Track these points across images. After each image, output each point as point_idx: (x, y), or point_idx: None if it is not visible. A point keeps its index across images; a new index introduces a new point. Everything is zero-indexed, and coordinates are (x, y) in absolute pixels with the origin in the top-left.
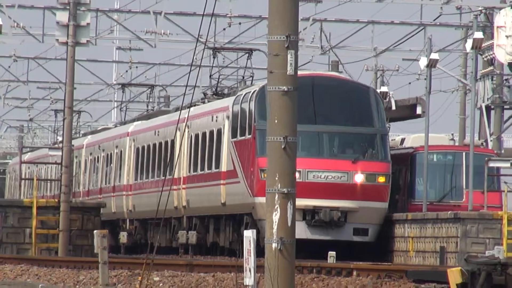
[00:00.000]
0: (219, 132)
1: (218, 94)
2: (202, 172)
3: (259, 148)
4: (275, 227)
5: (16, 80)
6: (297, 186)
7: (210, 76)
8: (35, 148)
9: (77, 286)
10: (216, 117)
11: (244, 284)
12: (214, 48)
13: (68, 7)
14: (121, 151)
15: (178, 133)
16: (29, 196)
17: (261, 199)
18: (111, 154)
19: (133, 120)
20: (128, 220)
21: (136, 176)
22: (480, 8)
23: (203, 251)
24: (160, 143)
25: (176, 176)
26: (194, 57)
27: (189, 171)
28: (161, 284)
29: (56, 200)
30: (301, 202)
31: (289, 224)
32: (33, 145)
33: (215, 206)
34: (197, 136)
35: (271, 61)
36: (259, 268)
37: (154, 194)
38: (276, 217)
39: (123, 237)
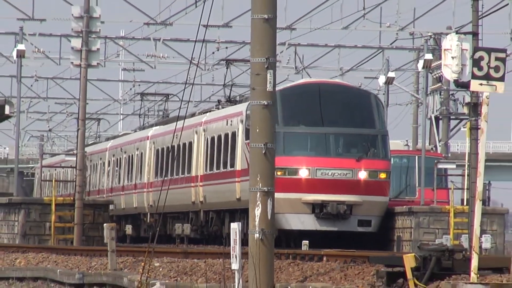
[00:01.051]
0: (234, 135)
1: (231, 101)
2: (218, 171)
3: None
4: (257, 220)
5: (37, 97)
6: (306, 183)
7: (224, 85)
8: (54, 154)
9: (89, 271)
10: (231, 121)
11: (231, 268)
12: (227, 60)
13: (81, 35)
14: (141, 153)
15: (195, 136)
16: (49, 195)
17: (274, 195)
18: (132, 155)
19: (151, 126)
20: (148, 214)
21: (156, 175)
22: (429, 34)
23: (218, 242)
24: (179, 145)
25: (193, 174)
26: (188, 76)
27: (206, 170)
28: (160, 269)
29: (72, 198)
30: (310, 197)
31: (269, 217)
32: (52, 152)
33: (231, 201)
34: (212, 138)
35: (253, 79)
36: (243, 255)
37: (173, 190)
38: (258, 211)
39: (128, 229)
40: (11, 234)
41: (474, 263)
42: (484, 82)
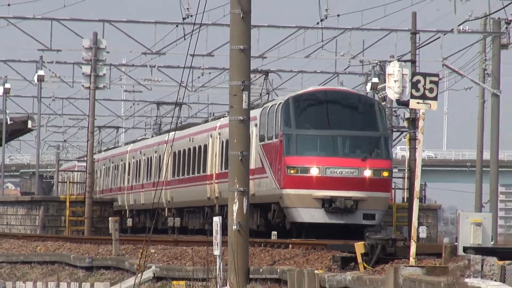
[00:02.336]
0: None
1: None
2: None
3: (285, 149)
4: (234, 214)
5: (54, 114)
6: (317, 180)
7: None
8: (68, 160)
9: (97, 256)
10: None
11: (214, 254)
12: None
13: (90, 63)
14: (160, 155)
15: (210, 139)
16: (64, 194)
17: (288, 191)
18: (151, 157)
19: (167, 131)
20: (166, 209)
21: (173, 174)
22: (376, 61)
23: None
24: (194, 148)
25: (208, 173)
26: (178, 96)
27: (221, 169)
28: (155, 255)
29: (82, 196)
30: (320, 193)
31: (245, 212)
32: (66, 158)
33: None
34: (227, 141)
35: (231, 99)
36: (224, 243)
37: (189, 187)
38: (235, 207)
39: (129, 222)
40: (33, 226)
41: (413, 249)
42: (421, 101)
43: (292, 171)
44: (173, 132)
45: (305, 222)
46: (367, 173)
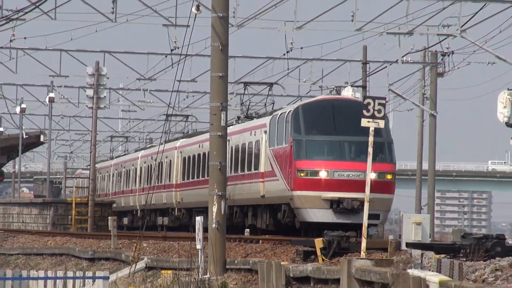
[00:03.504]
0: (257, 143)
1: (248, 117)
2: (243, 173)
3: (296, 154)
4: (214, 214)
5: (62, 129)
6: (325, 183)
7: (242, 103)
8: (74, 169)
9: (98, 249)
10: (254, 132)
11: (196, 248)
12: (245, 83)
13: (93, 87)
14: (170, 160)
15: None
16: (71, 196)
17: (298, 193)
18: (162, 162)
19: (177, 139)
20: (176, 209)
21: (183, 177)
22: (333, 87)
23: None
24: (204, 153)
25: None
26: (167, 111)
27: (231, 172)
28: (147, 248)
29: (86, 199)
30: (329, 194)
31: (222, 213)
32: (72, 167)
33: (256, 198)
34: (237, 147)
35: (211, 117)
36: (204, 238)
37: (199, 189)
38: (215, 208)
39: (126, 220)
40: (44, 223)
41: (363, 245)
42: (371, 120)
43: (302, 174)
44: (182, 140)
45: (314, 222)
46: (372, 176)
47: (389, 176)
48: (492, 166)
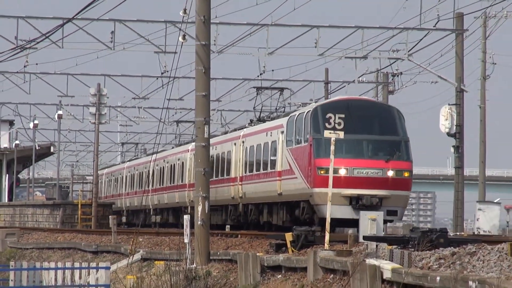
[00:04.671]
0: (274, 143)
1: (261, 120)
2: (258, 172)
3: (315, 152)
4: (199, 213)
5: (69, 141)
6: (345, 180)
7: (254, 107)
8: (80, 175)
9: (101, 243)
10: (271, 133)
11: (184, 241)
12: (258, 88)
13: (95, 105)
14: (182, 162)
15: (234, 147)
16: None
17: (318, 190)
18: (174, 164)
19: (187, 142)
20: (189, 207)
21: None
22: (300, 103)
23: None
24: (217, 155)
25: (232, 176)
26: (158, 129)
27: (245, 172)
28: (143, 242)
29: (90, 201)
30: (348, 191)
31: (206, 212)
32: (78, 174)
33: (272, 195)
34: (252, 147)
35: (196, 131)
36: (192, 234)
37: (212, 189)
38: (200, 208)
39: (123, 218)
40: (54, 222)
41: (327, 238)
42: (332, 131)
43: (322, 172)
44: (194, 143)
45: (334, 218)
46: (390, 173)
47: (406, 174)
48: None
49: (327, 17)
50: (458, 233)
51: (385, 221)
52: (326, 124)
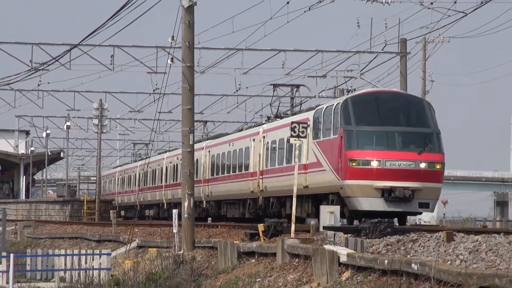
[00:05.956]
0: None
1: (278, 116)
2: (280, 166)
3: (347, 144)
4: (185, 208)
5: (76, 148)
6: (377, 172)
7: (271, 104)
8: (85, 177)
9: (103, 234)
10: None
11: (173, 231)
12: (275, 84)
13: (98, 117)
14: (197, 159)
15: (252, 142)
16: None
17: (349, 182)
18: None
19: (200, 140)
20: (204, 201)
21: (212, 173)
22: (270, 115)
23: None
24: (235, 150)
25: (251, 170)
26: (150, 137)
27: (266, 166)
28: (138, 232)
29: (94, 198)
30: (380, 183)
31: (191, 206)
32: (84, 175)
33: (299, 188)
34: (274, 141)
35: (183, 138)
36: (179, 225)
37: (231, 183)
38: (186, 203)
39: (122, 213)
40: (64, 216)
41: (292, 228)
42: (297, 138)
43: (353, 164)
44: (208, 141)
45: (365, 210)
46: (423, 165)
47: (438, 166)
48: None
49: (292, 42)
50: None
51: (415, 213)
52: (357, 116)
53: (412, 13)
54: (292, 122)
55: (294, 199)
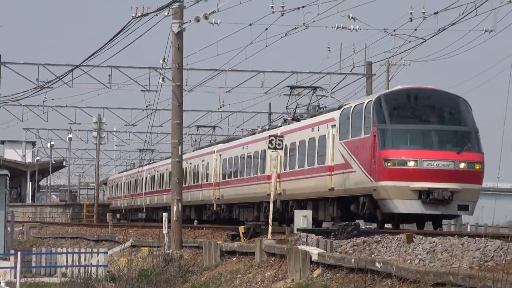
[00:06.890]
0: (322, 138)
1: (294, 118)
2: (302, 168)
3: (381, 143)
4: (173, 212)
5: (77, 157)
6: (414, 172)
7: (287, 107)
8: (85, 183)
9: (101, 234)
10: (318, 128)
11: (163, 232)
12: (291, 87)
13: (96, 130)
14: (207, 163)
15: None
16: (83, 200)
17: (384, 183)
18: (197, 165)
19: (210, 145)
20: (215, 205)
21: (223, 176)
22: (251, 129)
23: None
24: (249, 154)
25: (267, 173)
26: (143, 146)
27: (284, 169)
28: (132, 233)
29: (93, 202)
30: (418, 184)
31: (179, 211)
32: (84, 182)
33: (321, 191)
34: (293, 144)
35: (172, 149)
36: (169, 227)
37: (245, 186)
38: (174, 208)
39: (118, 215)
40: (66, 218)
41: (270, 230)
42: (274, 150)
43: (389, 164)
44: (219, 145)
45: (401, 213)
46: (462, 165)
47: (477, 166)
48: None
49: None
50: (368, 226)
51: (453, 216)
52: (391, 113)
53: (377, 39)
54: (270, 136)
55: (271, 204)
